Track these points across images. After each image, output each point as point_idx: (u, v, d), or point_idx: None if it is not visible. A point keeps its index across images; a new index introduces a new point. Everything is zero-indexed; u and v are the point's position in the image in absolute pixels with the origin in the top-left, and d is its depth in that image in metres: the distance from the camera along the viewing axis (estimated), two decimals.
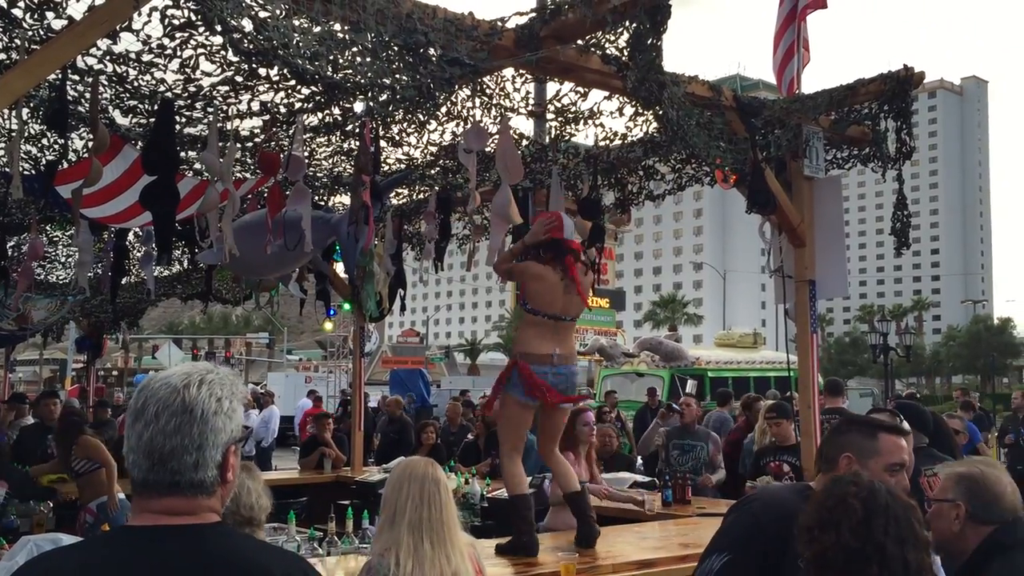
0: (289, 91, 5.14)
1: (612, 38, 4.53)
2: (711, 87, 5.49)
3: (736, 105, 5.53)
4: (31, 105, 5.33)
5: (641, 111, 5.58)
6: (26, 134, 5.89)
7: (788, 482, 6.54)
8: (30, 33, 4.37)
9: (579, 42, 4.64)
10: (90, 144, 5.56)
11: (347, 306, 10.82)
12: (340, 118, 5.63)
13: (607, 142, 6.44)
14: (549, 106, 5.82)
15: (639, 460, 9.99)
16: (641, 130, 6.11)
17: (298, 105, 5.36)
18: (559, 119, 6.02)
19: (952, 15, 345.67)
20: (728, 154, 5.27)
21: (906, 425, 2.98)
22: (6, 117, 5.67)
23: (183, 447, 1.64)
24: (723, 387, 15.74)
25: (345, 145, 6.38)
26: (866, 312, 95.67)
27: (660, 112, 4.79)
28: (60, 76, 4.62)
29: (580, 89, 5.44)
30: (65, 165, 6.07)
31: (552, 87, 5.65)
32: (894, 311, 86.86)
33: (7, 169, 6.21)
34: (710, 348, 23.79)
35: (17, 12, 4.20)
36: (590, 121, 5.95)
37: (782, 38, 6.08)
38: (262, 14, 3.76)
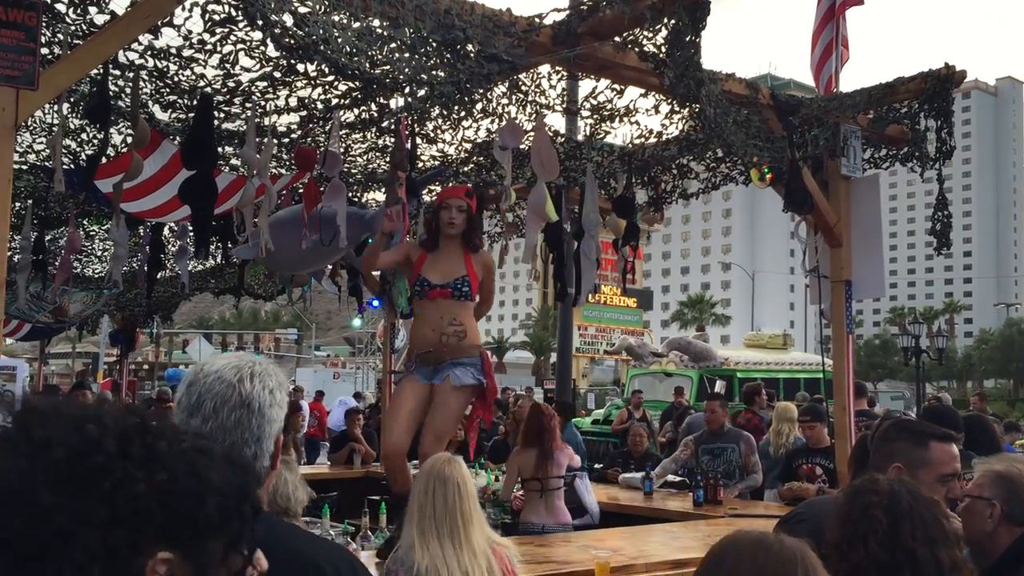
0: (326, 87, 5.16)
1: (650, 35, 4.51)
2: (748, 85, 5.45)
3: (774, 103, 5.49)
4: (72, 100, 5.39)
5: (677, 108, 5.55)
6: (67, 128, 5.96)
7: (822, 485, 6.49)
8: (73, 28, 4.42)
9: (616, 39, 4.62)
10: (128, 139, 5.63)
11: (377, 302, 10.84)
12: (376, 114, 5.65)
13: (642, 140, 6.41)
14: (584, 103, 5.80)
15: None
16: (676, 128, 6.08)
17: (335, 101, 5.39)
18: (594, 116, 6.00)
19: (987, 14, 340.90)
20: (766, 152, 5.23)
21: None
22: (47, 111, 5.74)
23: (243, 441, 1.66)
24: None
25: (380, 141, 6.40)
26: (896, 314, 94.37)
27: (697, 110, 4.76)
28: (102, 71, 4.67)
29: (616, 86, 5.42)
30: (105, 160, 6.14)
31: (587, 84, 5.64)
32: (925, 313, 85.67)
33: (48, 163, 6.29)
34: (739, 349, 23.62)
35: (61, 7, 4.25)
36: (625, 118, 5.93)
37: (820, 35, 6.01)
38: (302, 9, 3.79)
